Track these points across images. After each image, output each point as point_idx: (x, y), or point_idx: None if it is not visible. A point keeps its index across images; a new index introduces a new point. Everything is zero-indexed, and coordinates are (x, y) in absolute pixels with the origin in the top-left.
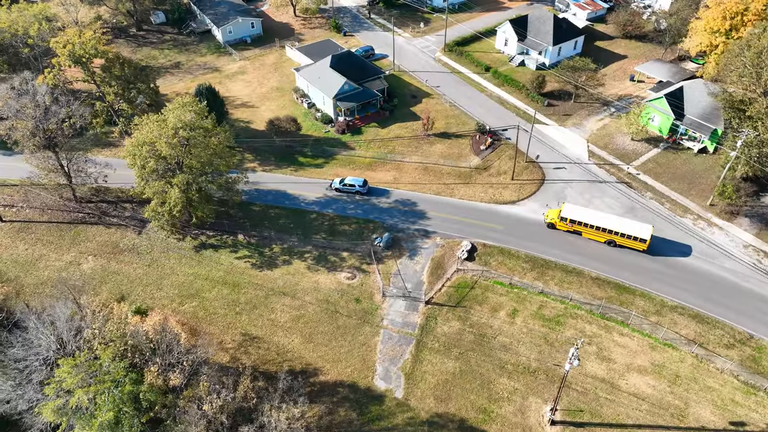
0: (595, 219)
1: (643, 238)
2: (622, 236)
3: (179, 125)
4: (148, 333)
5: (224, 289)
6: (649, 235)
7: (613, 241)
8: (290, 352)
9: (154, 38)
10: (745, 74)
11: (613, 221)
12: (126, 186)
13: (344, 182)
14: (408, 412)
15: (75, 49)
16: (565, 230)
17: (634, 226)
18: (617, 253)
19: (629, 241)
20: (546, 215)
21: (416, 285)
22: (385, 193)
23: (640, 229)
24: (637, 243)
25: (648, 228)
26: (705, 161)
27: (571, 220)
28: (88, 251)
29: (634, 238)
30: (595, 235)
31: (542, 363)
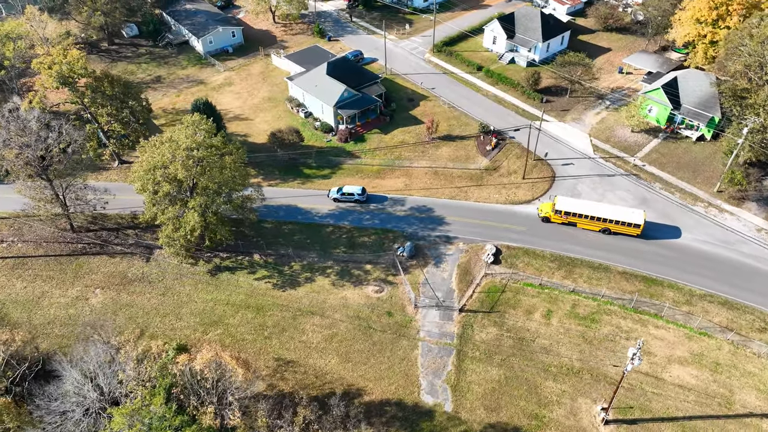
0: (588, 209)
1: (637, 224)
2: (617, 223)
3: (193, 145)
4: (203, 372)
5: (248, 313)
6: (642, 220)
7: (608, 229)
8: (329, 374)
9: (128, 52)
10: (750, 63)
11: (606, 210)
12: (125, 212)
13: (342, 191)
14: (460, 425)
15: (62, 69)
16: (560, 222)
17: (626, 212)
18: (642, 244)
19: (624, 228)
20: (540, 209)
21: (447, 293)
22: (383, 199)
23: (632, 215)
24: (631, 229)
25: (640, 213)
26: (704, 149)
27: (565, 212)
28: (94, 284)
29: (628, 224)
30: (590, 224)
31: (585, 362)
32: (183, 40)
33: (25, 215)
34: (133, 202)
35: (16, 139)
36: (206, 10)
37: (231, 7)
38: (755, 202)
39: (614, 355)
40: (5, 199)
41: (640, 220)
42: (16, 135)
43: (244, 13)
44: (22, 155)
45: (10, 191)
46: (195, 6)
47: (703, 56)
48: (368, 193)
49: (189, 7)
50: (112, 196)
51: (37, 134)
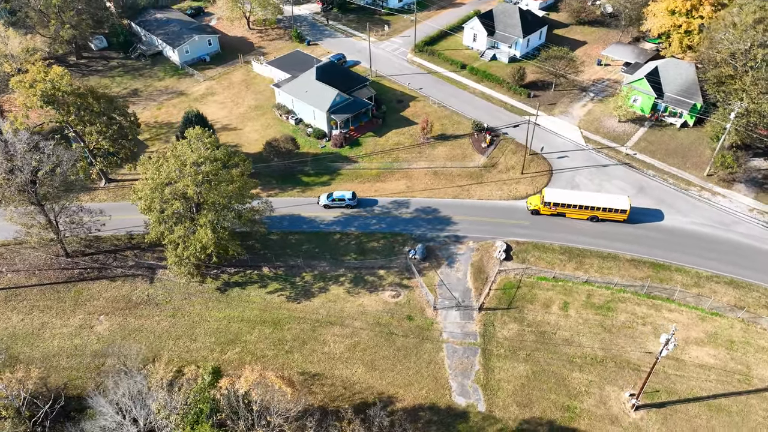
0: (576, 199)
1: (623, 209)
2: (604, 210)
3: (200, 160)
4: (250, 394)
5: (265, 328)
6: (628, 205)
7: (596, 217)
8: (357, 384)
9: (99, 66)
10: (735, 50)
11: (593, 198)
12: (120, 233)
13: (333, 197)
14: (496, 423)
15: (46, 88)
16: (549, 214)
17: (612, 199)
18: (643, 231)
19: (610, 214)
20: (528, 202)
21: (464, 293)
22: (374, 202)
23: (618, 201)
24: (618, 214)
25: (625, 199)
26: (689, 135)
27: (554, 204)
28: (97, 311)
29: (615, 210)
30: (578, 213)
31: (607, 351)
32: (156, 50)
33: (16, 243)
34: (127, 222)
35: (4, 164)
36: (178, 19)
37: (202, 15)
38: (743, 183)
39: (633, 341)
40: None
41: (626, 205)
42: (4, 159)
43: (216, 21)
44: (12, 180)
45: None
46: (166, 15)
47: (678, 45)
48: (358, 198)
49: (159, 16)
50: (108, 217)
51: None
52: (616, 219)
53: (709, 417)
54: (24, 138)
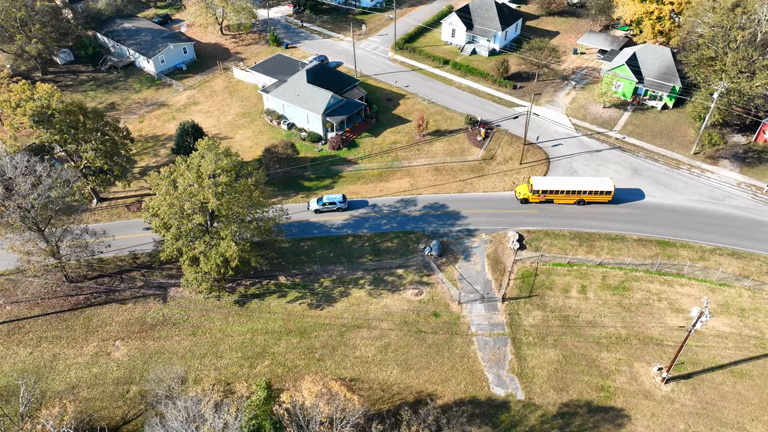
0: (562, 184)
1: (608, 191)
2: (590, 193)
3: (217, 171)
4: (319, 407)
5: (292, 338)
6: (612, 187)
7: (582, 200)
8: (395, 385)
9: (67, 80)
10: (716, 33)
11: (579, 182)
12: (122, 253)
13: (323, 201)
14: (537, 410)
15: (36, 106)
16: (538, 201)
17: (597, 182)
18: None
19: (596, 197)
20: (517, 192)
21: (484, 285)
22: (364, 204)
23: (602, 183)
24: (603, 196)
25: (608, 180)
26: (670, 116)
27: (542, 191)
28: (111, 336)
29: (600, 193)
30: (566, 198)
31: (629, 329)
32: (128, 61)
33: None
34: (128, 242)
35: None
36: (148, 28)
37: (170, 23)
38: (727, 159)
39: (652, 317)
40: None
41: (611, 187)
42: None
43: (186, 27)
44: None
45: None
46: (134, 24)
47: (650, 31)
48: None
49: (128, 26)
50: (111, 237)
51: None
52: (601, 201)
53: (734, 383)
54: (23, 162)
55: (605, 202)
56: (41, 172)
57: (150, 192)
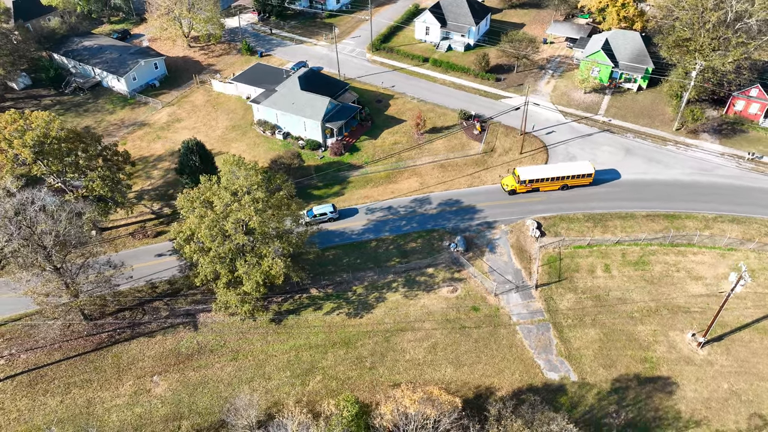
0: (547, 172)
1: (589, 173)
2: (573, 178)
3: (254, 187)
4: (424, 413)
5: (338, 350)
6: (592, 169)
7: (566, 185)
8: (452, 383)
9: (29, 106)
10: (691, 17)
11: (562, 168)
12: (137, 283)
13: (313, 213)
14: (592, 389)
15: (36, 136)
16: (525, 191)
17: (578, 166)
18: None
19: (579, 180)
20: (504, 184)
21: (515, 274)
22: (354, 212)
23: (583, 167)
24: (585, 179)
25: (588, 164)
26: (646, 96)
27: (529, 181)
28: (146, 372)
29: (582, 176)
30: (551, 185)
31: (657, 301)
32: (95, 81)
33: (23, 317)
34: (140, 271)
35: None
36: (112, 45)
37: (129, 38)
38: (706, 132)
39: (675, 287)
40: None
41: (591, 170)
42: (25, 226)
43: (148, 42)
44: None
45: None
46: (94, 42)
47: (615, 18)
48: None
49: (88, 44)
50: (130, 267)
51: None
52: (583, 183)
53: (761, 339)
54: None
55: (587, 184)
56: (52, 207)
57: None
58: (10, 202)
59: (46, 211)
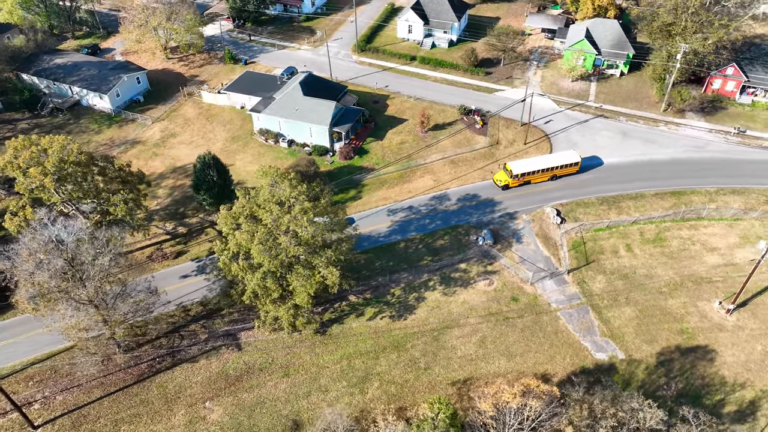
0: (537, 165)
1: (576, 162)
2: (561, 167)
3: (301, 197)
4: (529, 405)
5: (389, 354)
6: (579, 158)
7: (555, 175)
8: (509, 374)
9: (4, 131)
10: (675, 2)
11: (550, 159)
12: (167, 308)
13: None
14: (640, 364)
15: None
16: (518, 185)
17: (566, 156)
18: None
19: (567, 169)
20: (497, 180)
21: (545, 262)
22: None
23: (570, 156)
24: (573, 168)
25: (574, 153)
26: (629, 81)
27: (521, 174)
28: (196, 400)
29: (570, 165)
30: (541, 177)
31: (680, 274)
32: (73, 101)
33: (49, 357)
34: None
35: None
36: (87, 61)
37: (101, 53)
38: (691, 111)
39: (694, 260)
40: None
41: (578, 158)
42: (64, 259)
43: (120, 56)
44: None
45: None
46: (67, 59)
47: (591, 7)
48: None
49: (59, 61)
50: (164, 291)
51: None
52: (571, 172)
53: None
54: (72, 230)
55: (575, 173)
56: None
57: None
58: (48, 234)
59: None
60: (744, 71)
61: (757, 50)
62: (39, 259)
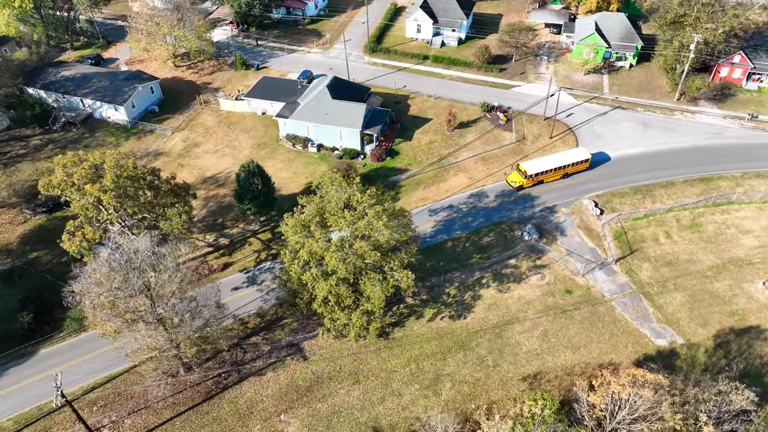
0: (549, 164)
1: (586, 159)
2: (573, 165)
3: (372, 201)
4: (641, 395)
5: (456, 354)
6: (588, 155)
7: (567, 173)
8: (576, 366)
9: (16, 149)
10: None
11: (562, 158)
12: (222, 322)
13: None
14: (699, 348)
15: (115, 176)
16: (531, 185)
17: (576, 153)
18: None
19: (578, 167)
20: (511, 181)
21: (592, 253)
22: None
23: (580, 153)
24: (583, 165)
25: (584, 150)
26: (639, 72)
27: (535, 174)
28: (270, 414)
29: (581, 162)
30: (554, 176)
31: (721, 257)
32: (86, 114)
33: (108, 379)
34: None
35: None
36: (95, 72)
37: (104, 62)
38: (702, 99)
39: (730, 243)
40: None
41: (588, 155)
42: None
43: (125, 65)
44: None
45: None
46: (74, 71)
47: (594, 2)
48: None
49: (67, 73)
50: (215, 305)
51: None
52: (581, 169)
53: None
54: (143, 248)
55: (584, 169)
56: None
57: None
58: (125, 253)
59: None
60: (749, 58)
61: (761, 38)
62: (117, 280)
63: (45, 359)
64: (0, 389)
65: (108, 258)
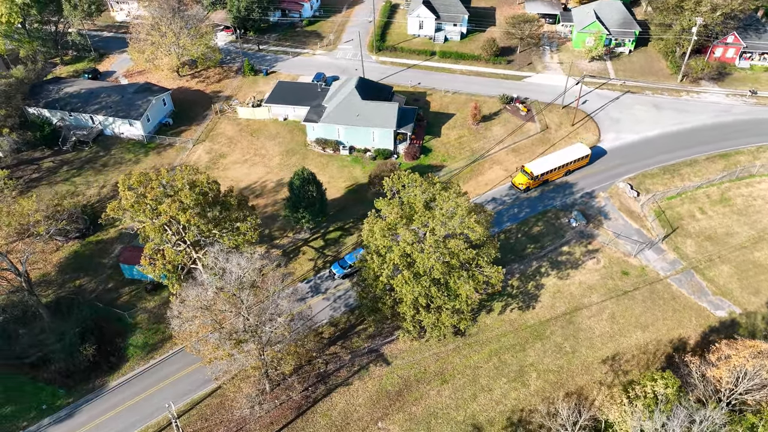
0: (553, 163)
1: (587, 154)
2: (575, 162)
3: (459, 198)
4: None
5: (534, 344)
6: (588, 150)
7: (569, 170)
8: (649, 344)
9: (29, 172)
10: None
11: (563, 156)
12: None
13: (348, 263)
14: (756, 315)
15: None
16: (537, 185)
17: (576, 150)
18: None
19: (579, 163)
20: (518, 183)
21: (638, 234)
22: None
23: (580, 150)
24: (584, 161)
25: (583, 146)
26: (639, 57)
27: (541, 175)
28: (367, 423)
29: (582, 158)
30: (557, 174)
31: (755, 228)
32: (98, 131)
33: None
34: None
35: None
36: (101, 87)
37: (102, 76)
38: (703, 79)
39: (759, 213)
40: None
41: (588, 150)
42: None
43: (123, 78)
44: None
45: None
46: (78, 87)
47: None
48: None
49: (71, 89)
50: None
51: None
52: (582, 165)
53: None
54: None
55: (585, 165)
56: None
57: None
58: (235, 274)
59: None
60: (741, 38)
61: (749, 18)
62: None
63: (120, 392)
64: (79, 427)
65: (219, 281)
